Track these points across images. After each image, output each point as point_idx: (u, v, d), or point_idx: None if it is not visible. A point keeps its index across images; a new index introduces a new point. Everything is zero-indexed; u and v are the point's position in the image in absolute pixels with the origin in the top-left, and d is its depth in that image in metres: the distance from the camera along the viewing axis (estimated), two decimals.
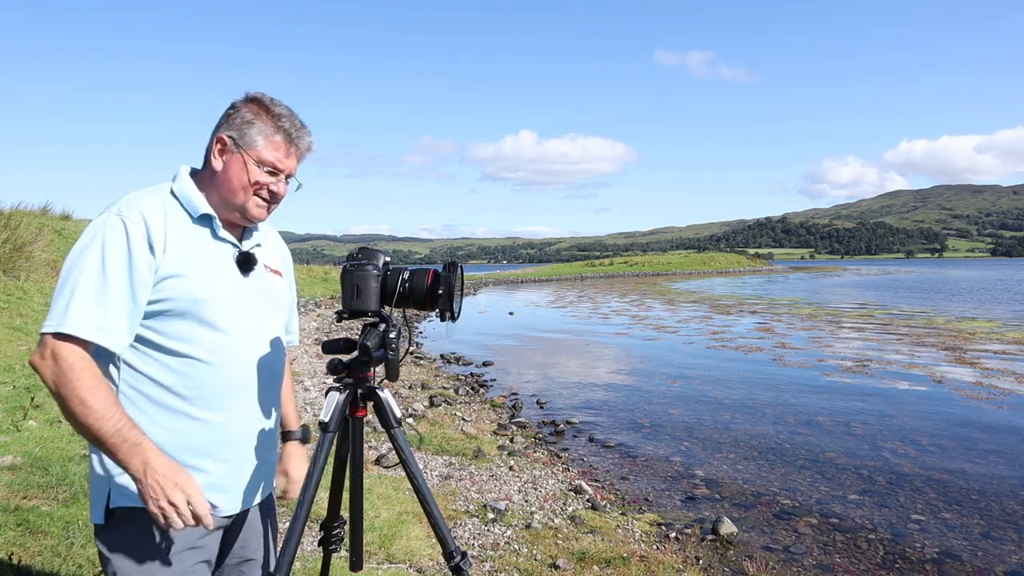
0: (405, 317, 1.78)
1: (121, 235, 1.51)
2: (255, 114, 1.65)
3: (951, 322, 20.35)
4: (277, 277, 1.82)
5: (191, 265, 1.58)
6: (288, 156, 1.68)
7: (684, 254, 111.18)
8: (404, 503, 4.85)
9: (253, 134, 1.64)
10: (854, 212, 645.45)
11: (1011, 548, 4.91)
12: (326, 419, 1.71)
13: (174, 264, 1.55)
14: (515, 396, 10.34)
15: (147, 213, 1.55)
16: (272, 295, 1.78)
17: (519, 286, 54.95)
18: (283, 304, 1.83)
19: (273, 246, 1.87)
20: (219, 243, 1.67)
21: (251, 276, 1.70)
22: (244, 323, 1.67)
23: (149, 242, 1.52)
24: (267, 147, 1.64)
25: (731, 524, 5.16)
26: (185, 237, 1.60)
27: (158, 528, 1.54)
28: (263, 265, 1.75)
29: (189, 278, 1.56)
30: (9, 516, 3.66)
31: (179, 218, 1.61)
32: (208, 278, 1.60)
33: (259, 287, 1.73)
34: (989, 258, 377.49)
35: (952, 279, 57.27)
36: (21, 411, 5.38)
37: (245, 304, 1.68)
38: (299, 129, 1.69)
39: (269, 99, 1.68)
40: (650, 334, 18.65)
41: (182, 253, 1.57)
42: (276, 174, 1.67)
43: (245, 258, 1.68)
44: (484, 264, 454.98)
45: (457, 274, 1.73)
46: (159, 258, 1.53)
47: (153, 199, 1.60)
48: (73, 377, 1.44)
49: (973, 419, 8.62)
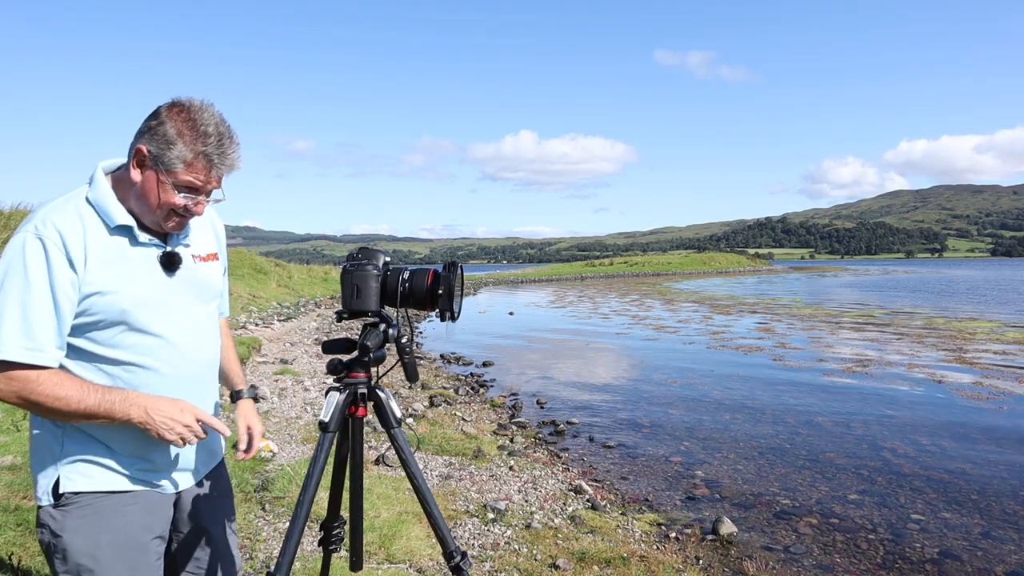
0: (408, 317, 1.78)
1: (40, 255, 1.52)
2: (178, 133, 1.58)
3: (951, 322, 20.34)
4: (210, 263, 1.83)
5: (113, 278, 1.60)
6: (208, 180, 1.63)
7: (684, 254, 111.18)
8: (404, 503, 4.85)
9: (173, 157, 1.58)
10: (854, 212, 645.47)
11: (1011, 548, 4.91)
12: (326, 419, 1.71)
13: (96, 279, 1.57)
14: (515, 396, 10.35)
15: (63, 229, 1.55)
16: (203, 285, 1.79)
17: (519, 286, 54.95)
18: (215, 290, 1.85)
19: (205, 227, 1.86)
20: (141, 247, 1.67)
21: (178, 274, 1.72)
22: (174, 321, 1.70)
23: (68, 259, 1.54)
24: (186, 171, 1.60)
25: (731, 524, 5.16)
26: (104, 248, 1.60)
27: (106, 508, 1.63)
28: (192, 256, 1.76)
29: (113, 292, 1.59)
30: (9, 516, 3.66)
31: (96, 229, 1.60)
32: (132, 287, 1.62)
33: (188, 283, 1.75)
34: (989, 258, 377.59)
35: (952, 279, 57.26)
36: (21, 411, 5.39)
37: (173, 303, 1.70)
38: (223, 149, 1.62)
39: (197, 110, 1.60)
40: (650, 334, 18.65)
41: (103, 266, 1.59)
42: (196, 193, 1.64)
43: (169, 259, 1.69)
44: (484, 264, 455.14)
45: (457, 274, 1.73)
46: (80, 273, 1.56)
47: (69, 211, 1.59)
48: (32, 388, 1.51)
49: (973, 419, 8.62)
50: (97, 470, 1.64)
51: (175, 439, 1.59)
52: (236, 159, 1.66)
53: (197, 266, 1.77)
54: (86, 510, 1.61)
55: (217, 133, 1.61)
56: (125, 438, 1.65)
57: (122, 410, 1.56)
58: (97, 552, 1.60)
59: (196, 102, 1.62)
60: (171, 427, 1.58)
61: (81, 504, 1.61)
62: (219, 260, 1.88)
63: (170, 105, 1.61)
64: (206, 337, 1.79)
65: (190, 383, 1.72)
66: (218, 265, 1.87)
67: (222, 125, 1.63)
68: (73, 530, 1.60)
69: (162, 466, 1.72)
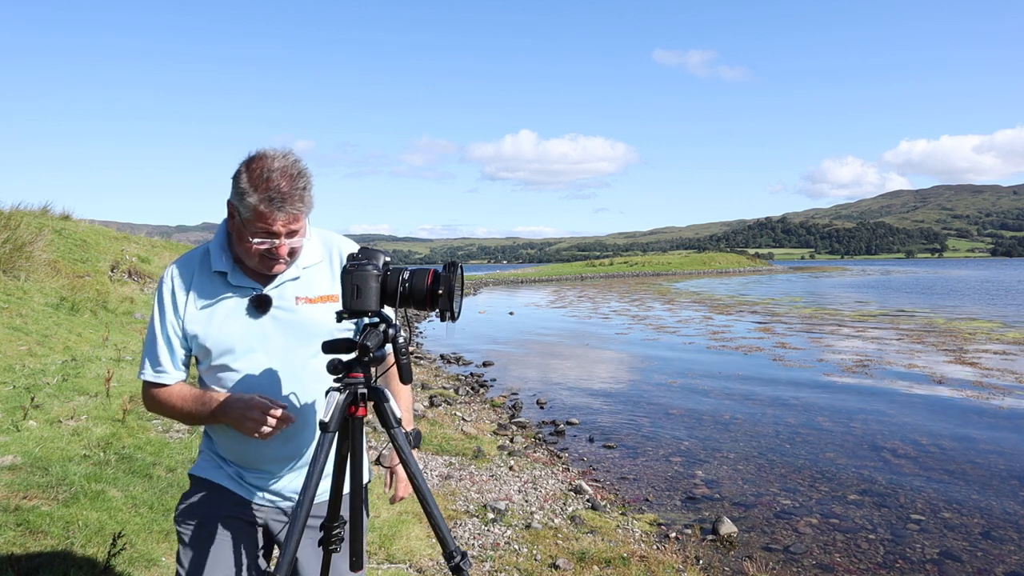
0: (407, 317, 1.78)
1: (159, 297, 1.87)
2: (249, 182, 1.70)
3: (951, 322, 20.35)
4: (318, 304, 1.87)
5: (204, 320, 1.83)
6: (276, 222, 1.72)
7: (684, 254, 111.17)
8: (404, 503, 4.85)
9: (244, 207, 1.71)
10: (854, 212, 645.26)
11: (1011, 548, 4.91)
12: (326, 419, 1.70)
13: (191, 322, 1.84)
14: (515, 396, 10.35)
15: (176, 274, 1.86)
16: (304, 327, 1.86)
17: (519, 286, 54.95)
18: (318, 332, 1.85)
19: (325, 269, 1.92)
20: (236, 290, 1.84)
21: (268, 316, 1.84)
22: (255, 362, 1.84)
23: (174, 301, 1.85)
24: (257, 218, 1.71)
25: (731, 524, 5.16)
26: (203, 292, 1.84)
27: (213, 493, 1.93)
28: (296, 298, 1.86)
29: (201, 335, 1.83)
30: (9, 516, 3.66)
31: (202, 275, 1.86)
32: (218, 329, 1.83)
33: (284, 324, 1.85)
34: (989, 258, 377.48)
35: (952, 279, 57.26)
36: (21, 411, 5.38)
37: (263, 344, 1.84)
38: (286, 192, 1.70)
39: (268, 159, 1.71)
40: (650, 334, 18.65)
41: (197, 309, 1.84)
42: (273, 238, 1.74)
43: (258, 301, 1.82)
44: (484, 264, 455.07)
45: (457, 274, 1.73)
46: (182, 314, 1.84)
47: (192, 258, 1.89)
48: (162, 399, 1.87)
49: (973, 419, 8.63)
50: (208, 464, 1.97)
51: (251, 433, 1.73)
52: (304, 199, 1.73)
53: (299, 308, 1.85)
54: (197, 491, 1.95)
55: (282, 177, 1.70)
56: (226, 443, 1.92)
57: (210, 413, 1.81)
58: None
59: (269, 152, 1.73)
60: (241, 423, 1.74)
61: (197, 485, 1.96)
62: (338, 301, 1.86)
63: (247, 159, 1.74)
64: (306, 377, 1.87)
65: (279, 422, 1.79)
66: (335, 306, 1.85)
67: (291, 168, 1.72)
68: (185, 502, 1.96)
69: (245, 471, 1.94)
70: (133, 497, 4.17)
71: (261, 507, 1.95)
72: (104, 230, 17.75)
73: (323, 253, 1.92)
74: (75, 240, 14.81)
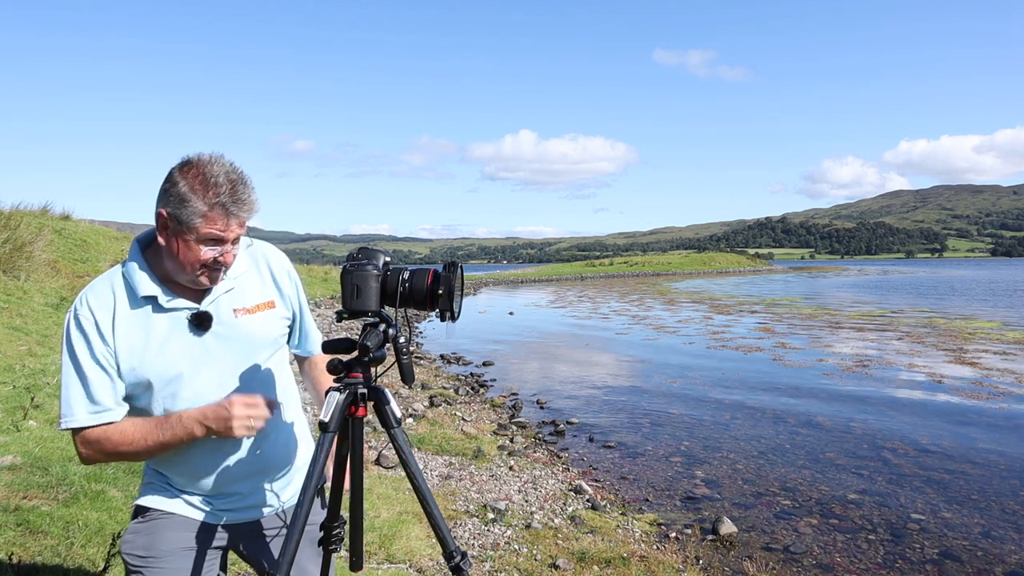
0: (407, 317, 1.78)
1: (78, 330, 1.67)
2: (190, 189, 1.60)
3: (951, 322, 20.35)
4: (258, 313, 1.81)
5: (138, 351, 1.69)
6: (228, 227, 1.65)
7: (684, 254, 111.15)
8: (404, 503, 4.85)
9: (189, 214, 1.61)
10: (854, 212, 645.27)
11: (1011, 548, 4.91)
12: (326, 419, 1.70)
13: (123, 354, 1.68)
14: (515, 396, 10.35)
15: (95, 305, 1.68)
16: (248, 339, 1.79)
17: (519, 286, 54.95)
18: (267, 340, 1.83)
19: (254, 277, 1.86)
20: (169, 313, 1.71)
21: (210, 333, 1.74)
22: (205, 381, 1.74)
23: (99, 332, 1.67)
24: (205, 224, 1.62)
25: (731, 524, 5.16)
26: (131, 321, 1.69)
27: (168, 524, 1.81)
28: (235, 310, 1.77)
29: (138, 367, 1.69)
30: (9, 516, 3.66)
31: (124, 302, 1.70)
32: (156, 356, 1.69)
33: (226, 340, 1.76)
34: (989, 258, 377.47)
35: (952, 279, 57.25)
36: (21, 411, 5.38)
37: (208, 362, 1.74)
38: (236, 195, 1.64)
39: (206, 164, 1.63)
40: (650, 334, 18.65)
41: (129, 339, 1.68)
42: (220, 244, 1.66)
43: (198, 319, 1.72)
44: (484, 264, 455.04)
45: (457, 274, 1.73)
46: (112, 345, 1.67)
47: (104, 287, 1.71)
48: (105, 443, 1.67)
49: (973, 419, 8.63)
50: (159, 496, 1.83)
51: (241, 431, 1.64)
52: (252, 202, 1.68)
53: (239, 320, 1.78)
54: (149, 522, 1.82)
55: (228, 181, 1.63)
56: (187, 473, 1.80)
57: (182, 433, 1.66)
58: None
59: (204, 156, 1.65)
60: (230, 428, 1.64)
61: (146, 516, 1.83)
62: (275, 308, 1.85)
63: (180, 165, 1.65)
64: (258, 389, 1.79)
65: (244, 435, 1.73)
66: (272, 313, 1.84)
67: (232, 173, 1.65)
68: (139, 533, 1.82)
69: (213, 498, 1.83)
70: (133, 497, 4.17)
71: (228, 526, 1.86)
72: (104, 230, 17.77)
73: (248, 260, 1.85)
74: (75, 240, 14.82)
